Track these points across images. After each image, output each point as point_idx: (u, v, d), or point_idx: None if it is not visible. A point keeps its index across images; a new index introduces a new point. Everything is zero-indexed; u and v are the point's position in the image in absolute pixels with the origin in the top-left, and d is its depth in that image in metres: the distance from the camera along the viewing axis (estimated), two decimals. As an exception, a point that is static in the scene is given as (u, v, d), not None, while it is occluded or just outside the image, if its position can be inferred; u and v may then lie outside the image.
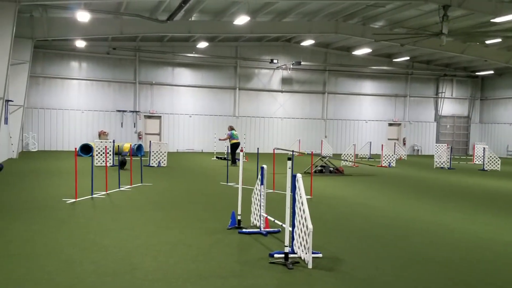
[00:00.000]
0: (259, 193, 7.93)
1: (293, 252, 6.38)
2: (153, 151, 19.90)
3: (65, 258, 6.06)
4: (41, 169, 17.35)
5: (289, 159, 6.27)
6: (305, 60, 32.17)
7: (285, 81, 32.99)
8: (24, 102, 23.31)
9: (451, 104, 37.61)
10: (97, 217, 8.72)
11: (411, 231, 8.33)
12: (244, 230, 7.78)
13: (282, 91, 33.00)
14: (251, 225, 8.26)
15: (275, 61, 30.90)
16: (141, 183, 13.68)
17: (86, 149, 24.42)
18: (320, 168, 18.45)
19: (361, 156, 28.90)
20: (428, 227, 8.70)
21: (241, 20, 21.58)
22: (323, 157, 19.34)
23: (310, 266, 5.92)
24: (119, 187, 12.49)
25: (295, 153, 25.55)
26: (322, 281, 5.48)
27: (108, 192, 11.71)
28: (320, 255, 6.35)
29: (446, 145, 23.87)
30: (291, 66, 31.61)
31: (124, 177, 13.47)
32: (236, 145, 21.45)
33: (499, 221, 9.55)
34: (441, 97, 37.07)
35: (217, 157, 24.53)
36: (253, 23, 24.98)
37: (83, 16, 20.81)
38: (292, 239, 6.48)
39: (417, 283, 5.53)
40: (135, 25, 24.17)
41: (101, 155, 19.12)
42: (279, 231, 7.77)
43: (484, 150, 23.29)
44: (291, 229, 6.43)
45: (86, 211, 9.34)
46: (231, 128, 22.04)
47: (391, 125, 36.11)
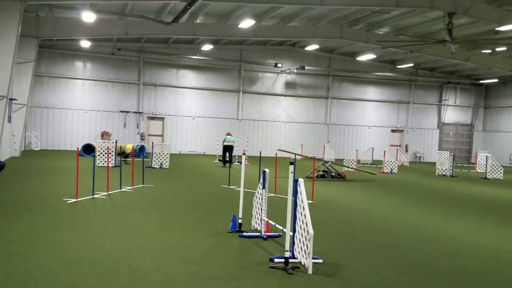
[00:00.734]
0: (261, 197, 7.91)
1: (293, 257, 6.36)
2: (155, 153, 19.91)
3: (65, 258, 6.04)
4: (43, 168, 17.37)
5: (291, 163, 6.26)
6: (309, 64, 32.18)
7: (289, 85, 33.00)
8: (27, 101, 23.37)
9: (454, 111, 37.55)
10: (98, 218, 8.71)
11: (412, 238, 8.29)
12: (244, 233, 7.76)
13: (285, 95, 33.01)
14: (252, 229, 8.23)
15: (279, 65, 30.93)
16: (143, 184, 13.68)
17: (88, 149, 24.44)
18: (322, 173, 18.42)
19: (363, 161, 28.86)
20: (430, 234, 8.66)
21: (246, 23, 21.61)
22: (325, 162, 19.31)
23: (310, 271, 5.90)
24: (121, 188, 12.49)
25: (297, 157, 25.58)
26: (322, 287, 5.45)
27: (109, 192, 11.70)
28: (320, 261, 6.33)
29: (448, 152, 23.82)
30: (295, 70, 31.62)
31: (125, 178, 13.47)
32: (227, 148, 22.30)
33: (501, 230, 9.50)
34: (444, 105, 37.02)
35: (219, 160, 24.52)
36: (258, 27, 25.01)
37: (89, 16, 20.86)
38: (292, 243, 6.46)
39: (418, 290, 5.50)
40: (140, 27, 24.23)
41: (103, 155, 19.13)
42: (280, 236, 7.75)
43: (486, 158, 23.22)
44: (291, 233, 6.41)
45: (87, 211, 9.34)
46: (228, 133, 23.38)
47: (393, 131, 36.07)
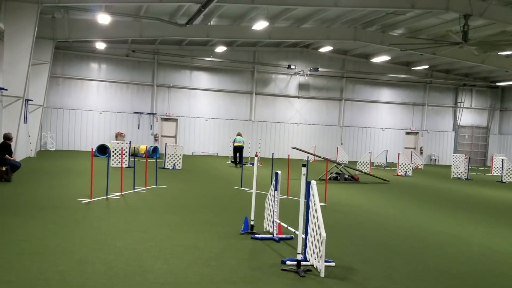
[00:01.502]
0: (273, 199, 7.89)
1: (305, 259, 6.32)
2: (168, 154, 19.99)
3: (77, 258, 6.08)
4: (58, 168, 17.54)
5: (303, 165, 6.22)
6: (323, 66, 32.07)
7: (302, 87, 32.91)
8: (43, 101, 23.66)
9: (470, 114, 37.11)
10: (111, 218, 8.76)
11: (426, 242, 8.19)
12: (256, 235, 7.74)
13: (298, 97, 32.93)
14: (264, 230, 8.21)
15: (292, 66, 30.86)
16: (156, 185, 13.73)
17: (102, 150, 24.62)
18: (335, 175, 18.33)
19: (377, 164, 28.65)
20: (444, 238, 8.55)
21: (260, 25, 21.60)
22: (339, 164, 19.20)
23: (322, 274, 5.85)
24: (134, 189, 12.55)
25: (310, 159, 25.50)
26: (334, 290, 5.41)
27: (122, 193, 11.77)
28: (333, 264, 6.28)
29: (464, 155, 23.54)
30: (309, 72, 31.52)
31: (139, 179, 13.54)
32: (237, 149, 22.82)
33: (517, 235, 9.35)
34: (460, 107, 36.62)
35: (231, 161, 24.54)
36: (271, 29, 25.00)
37: (104, 18, 21.06)
38: (305, 246, 6.42)
39: (432, 295, 5.43)
40: (154, 28, 24.38)
41: (117, 156, 19.26)
42: (292, 238, 7.71)
43: (502, 161, 22.90)
44: (304, 236, 6.38)
45: (100, 211, 9.39)
46: (238, 134, 23.88)
47: (408, 133, 35.76)
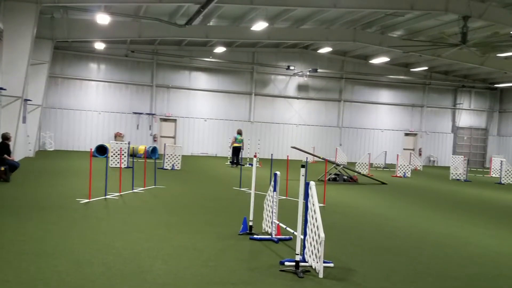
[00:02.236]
0: (272, 200, 7.88)
1: (304, 260, 6.31)
2: (167, 154, 19.97)
3: (75, 258, 6.07)
4: (56, 168, 17.52)
5: (302, 166, 6.22)
6: (322, 67, 32.09)
7: (301, 88, 32.93)
8: (42, 101, 23.63)
9: (469, 115, 37.15)
10: (110, 218, 8.75)
11: (425, 243, 8.20)
12: (255, 236, 7.74)
13: (298, 98, 32.95)
14: (263, 231, 8.20)
15: (291, 67, 30.86)
16: (155, 185, 13.72)
17: (101, 150, 24.60)
18: (334, 176, 18.34)
19: (376, 165, 28.66)
20: (442, 239, 8.55)
21: (259, 26, 21.62)
22: (337, 165, 19.21)
23: (321, 275, 5.85)
24: (133, 189, 12.54)
25: (309, 160, 25.50)
26: (332, 291, 5.40)
27: (121, 193, 11.75)
28: (331, 265, 6.27)
29: (462, 157, 23.56)
30: (308, 73, 31.53)
31: (137, 179, 13.53)
32: (237, 149, 22.72)
33: (515, 236, 9.36)
34: (459, 108, 36.65)
35: (230, 162, 24.52)
36: (270, 29, 25.01)
37: (103, 18, 21.05)
38: (303, 247, 6.41)
39: (430, 297, 5.42)
40: (154, 29, 24.38)
41: (116, 156, 19.24)
42: (290, 239, 7.71)
43: (501, 163, 22.93)
44: (302, 237, 6.37)
45: (99, 212, 9.38)
46: (238, 132, 23.39)
47: (407, 135, 35.79)
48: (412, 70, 33.64)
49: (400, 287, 5.71)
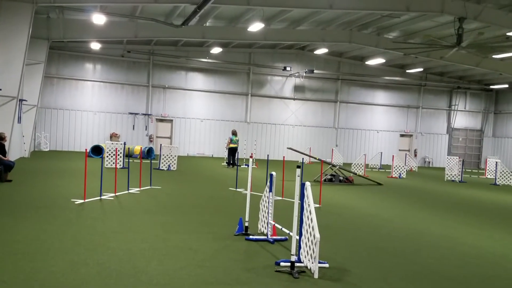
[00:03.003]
0: (268, 200, 7.89)
1: (299, 261, 6.32)
2: (163, 155, 19.95)
3: (70, 258, 6.05)
4: (51, 168, 17.46)
5: (298, 167, 6.23)
6: (318, 68, 32.13)
7: (298, 88, 32.96)
8: (37, 102, 23.55)
9: (464, 116, 37.28)
10: (105, 219, 8.73)
11: (420, 244, 8.22)
12: (251, 237, 7.74)
13: (294, 99, 32.97)
14: (259, 232, 8.21)
15: (288, 68, 30.91)
16: (150, 186, 13.70)
17: (97, 150, 24.54)
18: (329, 177, 18.35)
19: (372, 166, 28.71)
20: (438, 240, 8.58)
21: (255, 27, 21.62)
22: (333, 165, 19.23)
23: (316, 276, 5.86)
24: (128, 190, 12.52)
25: (305, 161, 25.51)
26: (328, 292, 5.41)
27: (116, 194, 11.73)
28: (326, 265, 6.28)
29: (458, 158, 23.64)
30: (304, 74, 31.58)
31: (133, 180, 13.50)
32: (233, 150, 22.69)
33: (511, 237, 9.38)
34: (454, 110, 36.78)
35: (226, 163, 24.52)
36: (267, 30, 25.02)
37: (99, 18, 21.01)
38: (299, 247, 6.42)
39: (425, 297, 5.44)
40: (150, 29, 24.34)
41: (112, 156, 19.20)
42: (286, 239, 7.71)
43: (496, 164, 23.02)
44: (298, 237, 6.38)
45: (94, 212, 9.36)
46: (233, 132, 23.35)
47: (402, 136, 35.88)
48: (407, 71, 33.73)
49: (395, 287, 5.72)
